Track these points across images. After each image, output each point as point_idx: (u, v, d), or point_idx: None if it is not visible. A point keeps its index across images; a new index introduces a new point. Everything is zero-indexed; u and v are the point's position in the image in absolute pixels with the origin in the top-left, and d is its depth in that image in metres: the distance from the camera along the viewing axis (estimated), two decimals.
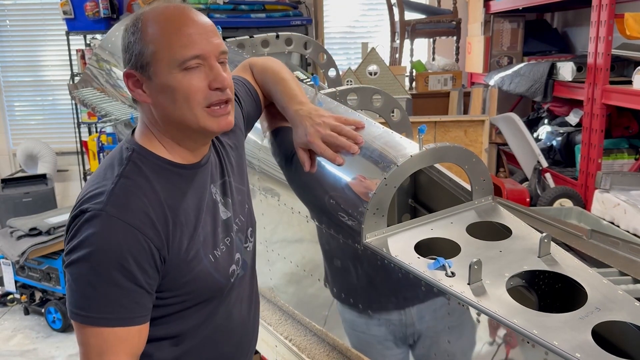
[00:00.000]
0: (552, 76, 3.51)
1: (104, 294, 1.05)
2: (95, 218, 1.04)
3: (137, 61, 1.10)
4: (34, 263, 3.72)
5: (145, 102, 1.13)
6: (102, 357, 1.06)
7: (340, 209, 1.47)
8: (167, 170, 1.15)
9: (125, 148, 1.15)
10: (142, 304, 1.08)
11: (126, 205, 1.06)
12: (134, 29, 1.11)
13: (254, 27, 4.33)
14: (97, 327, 1.05)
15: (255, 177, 1.84)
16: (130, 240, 1.05)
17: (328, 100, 1.77)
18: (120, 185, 1.08)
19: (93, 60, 2.92)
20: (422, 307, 1.33)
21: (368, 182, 1.43)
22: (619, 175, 2.75)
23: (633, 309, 1.12)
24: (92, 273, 1.04)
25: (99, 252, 1.03)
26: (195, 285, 1.16)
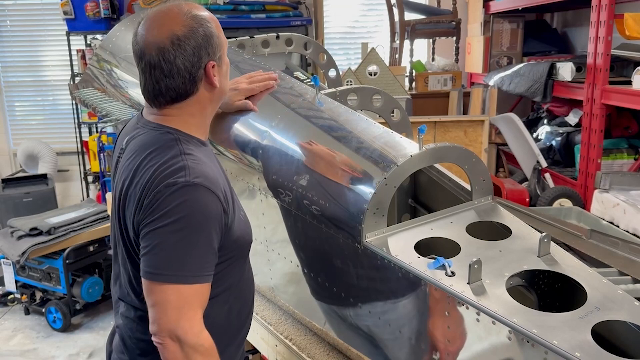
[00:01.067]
0: (551, 76, 3.51)
1: (186, 254, 1.18)
2: (185, 187, 1.18)
3: (216, 52, 1.30)
4: (34, 263, 3.73)
5: (216, 86, 1.32)
6: (181, 311, 1.17)
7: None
8: (200, 146, 1.32)
9: (166, 132, 1.29)
10: (212, 263, 1.23)
11: (205, 175, 1.21)
12: (207, 25, 1.28)
13: (254, 28, 4.34)
14: (178, 284, 1.17)
15: (255, 177, 1.85)
16: (214, 205, 1.21)
17: (328, 100, 1.77)
18: (191, 160, 1.23)
19: (94, 60, 2.92)
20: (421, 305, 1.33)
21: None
22: (619, 175, 2.76)
23: (632, 309, 1.12)
24: (178, 236, 1.17)
25: (189, 217, 1.17)
26: (241, 241, 1.35)
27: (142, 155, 1.26)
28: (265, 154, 1.77)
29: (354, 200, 1.45)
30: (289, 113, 1.77)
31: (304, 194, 1.59)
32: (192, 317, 1.18)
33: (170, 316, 1.17)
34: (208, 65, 1.28)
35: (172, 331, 1.17)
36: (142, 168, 1.23)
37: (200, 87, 1.30)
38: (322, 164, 1.58)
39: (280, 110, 1.79)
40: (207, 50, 1.27)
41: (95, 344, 3.57)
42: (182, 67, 1.25)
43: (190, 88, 1.28)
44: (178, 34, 1.24)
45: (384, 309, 1.45)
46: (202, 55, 1.26)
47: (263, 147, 1.77)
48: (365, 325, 1.53)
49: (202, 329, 1.20)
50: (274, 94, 1.87)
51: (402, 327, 1.41)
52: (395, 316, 1.42)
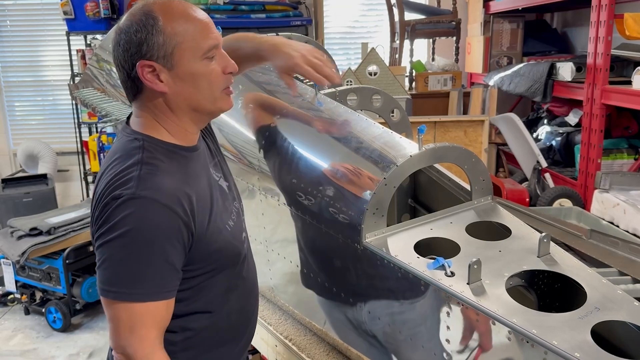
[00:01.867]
0: (551, 76, 3.51)
1: (137, 271, 1.12)
2: (129, 201, 1.11)
3: (157, 52, 1.16)
4: (34, 263, 3.73)
5: (162, 90, 1.20)
6: (133, 330, 1.13)
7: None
8: (176, 153, 1.24)
9: (134, 139, 1.22)
10: (169, 279, 1.16)
11: (155, 187, 1.13)
12: (148, 21, 1.16)
13: (254, 28, 4.33)
14: (129, 302, 1.12)
15: (255, 177, 1.85)
16: (163, 219, 1.13)
17: (328, 100, 1.77)
18: (145, 170, 1.15)
19: (93, 60, 2.93)
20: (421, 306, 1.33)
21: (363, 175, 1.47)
22: (619, 175, 2.75)
23: (632, 309, 1.12)
24: (125, 251, 1.11)
25: (134, 231, 1.10)
26: (220, 253, 1.27)
27: (107, 163, 1.21)
28: (264, 154, 1.77)
29: (354, 200, 1.45)
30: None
31: (304, 194, 1.59)
32: (143, 336, 1.13)
33: (121, 334, 1.13)
34: (139, 65, 1.16)
35: (122, 348, 1.14)
36: (102, 177, 1.19)
37: (143, 88, 1.20)
38: (321, 164, 1.58)
39: (280, 111, 1.79)
40: (140, 47, 1.15)
41: (95, 344, 3.57)
42: (118, 61, 1.19)
43: (132, 86, 1.21)
44: (120, 27, 1.19)
45: (384, 309, 1.45)
46: (133, 53, 1.16)
47: (263, 147, 1.77)
48: (364, 325, 1.53)
49: (154, 350, 1.15)
50: (273, 94, 1.87)
51: (401, 327, 1.41)
52: (395, 316, 1.42)
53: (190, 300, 1.25)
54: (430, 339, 1.32)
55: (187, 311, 1.25)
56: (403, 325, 1.41)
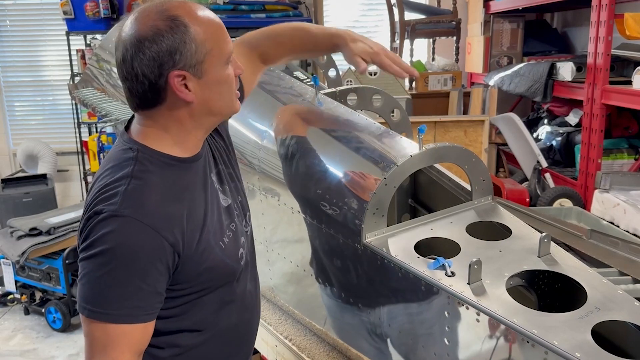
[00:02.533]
0: (551, 76, 3.51)
1: (112, 291, 1.07)
2: (110, 218, 1.06)
3: (190, 61, 1.10)
4: (34, 263, 3.72)
5: (190, 100, 1.13)
6: (105, 350, 1.08)
7: (338, 204, 1.48)
8: (172, 165, 1.17)
9: (128, 148, 1.16)
10: (149, 302, 1.10)
11: (141, 205, 1.08)
12: (179, 29, 1.09)
13: (254, 27, 4.31)
14: (103, 322, 1.08)
15: (255, 177, 1.85)
16: (146, 239, 1.07)
17: (328, 100, 1.77)
18: (133, 185, 1.10)
19: (93, 60, 2.92)
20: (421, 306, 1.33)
21: (368, 179, 1.44)
22: (619, 175, 2.75)
23: (633, 309, 1.12)
24: (102, 270, 1.06)
25: (112, 250, 1.05)
26: (211, 273, 1.20)
27: (99, 172, 1.16)
28: (264, 154, 1.77)
29: (354, 200, 1.45)
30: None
31: (304, 194, 1.58)
32: (115, 358, 1.08)
33: (93, 352, 1.10)
34: (171, 76, 1.09)
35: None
36: (93, 187, 1.14)
37: (167, 98, 1.12)
38: (321, 164, 1.58)
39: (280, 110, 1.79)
40: (173, 57, 1.08)
41: None
42: (139, 72, 1.09)
43: (152, 97, 1.12)
44: (140, 34, 1.08)
45: (384, 309, 1.45)
46: (163, 63, 1.08)
47: (262, 147, 1.77)
48: (364, 325, 1.53)
49: None
50: (273, 94, 1.87)
51: (401, 327, 1.41)
52: (394, 316, 1.42)
53: (177, 317, 1.20)
54: (429, 339, 1.32)
55: (175, 328, 1.20)
56: (402, 324, 1.41)
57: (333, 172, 1.56)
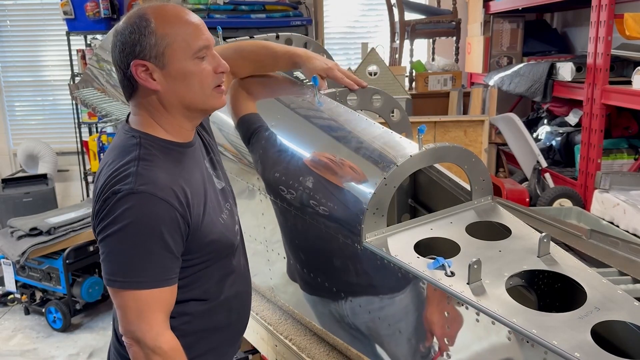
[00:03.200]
0: (551, 76, 3.51)
1: (140, 260, 1.19)
2: (128, 195, 1.18)
3: (150, 52, 1.23)
4: (34, 263, 3.73)
5: (154, 89, 1.26)
6: (141, 315, 1.20)
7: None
8: (171, 149, 1.30)
9: (131, 136, 1.29)
10: (171, 267, 1.24)
11: (153, 182, 1.20)
12: (142, 24, 1.23)
13: (254, 28, 4.33)
14: (135, 290, 1.20)
15: (255, 177, 1.85)
16: (162, 211, 1.19)
17: (328, 100, 1.77)
18: (142, 166, 1.22)
19: (93, 60, 2.93)
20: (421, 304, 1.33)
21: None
22: (619, 175, 2.75)
23: (632, 309, 1.12)
24: (128, 243, 1.18)
25: (135, 223, 1.17)
26: (215, 245, 1.34)
27: (105, 160, 1.28)
28: (265, 154, 1.77)
29: (354, 200, 1.45)
30: (288, 113, 1.77)
31: (304, 195, 1.59)
32: (150, 320, 1.21)
33: (130, 320, 1.21)
34: (133, 64, 1.23)
35: (132, 333, 1.22)
36: (101, 173, 1.25)
37: (138, 86, 1.27)
38: (321, 164, 1.58)
39: (280, 110, 1.79)
40: (134, 47, 1.22)
41: (95, 344, 3.57)
42: (115, 61, 1.27)
43: (128, 85, 1.28)
44: (117, 27, 1.26)
45: (383, 309, 1.45)
46: (128, 53, 1.23)
47: (263, 146, 1.77)
48: (363, 324, 1.53)
49: (162, 332, 1.23)
50: (273, 94, 1.87)
51: (401, 327, 1.41)
52: (394, 316, 1.42)
53: (187, 288, 1.31)
54: (429, 338, 1.32)
55: (184, 298, 1.32)
56: (401, 323, 1.41)
57: (333, 172, 1.56)
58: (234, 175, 1.97)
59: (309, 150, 1.65)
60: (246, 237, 1.62)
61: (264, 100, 1.86)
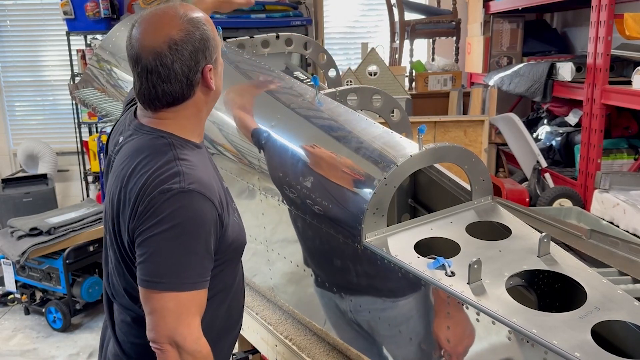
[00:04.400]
0: (551, 76, 3.51)
1: (185, 261, 1.17)
2: (179, 194, 1.16)
3: (212, 53, 1.26)
4: (34, 263, 3.72)
5: (213, 88, 1.29)
6: (180, 318, 1.17)
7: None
8: (194, 149, 1.30)
9: (159, 136, 1.27)
10: (208, 268, 1.23)
11: (200, 181, 1.20)
12: (203, 29, 1.24)
13: (254, 28, 4.33)
14: (177, 292, 1.17)
15: (255, 177, 1.85)
16: (208, 211, 1.20)
17: (328, 100, 1.77)
18: (185, 165, 1.21)
19: (94, 60, 2.92)
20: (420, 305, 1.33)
21: None
22: (619, 175, 2.76)
23: (632, 309, 1.12)
24: (175, 242, 1.16)
25: (184, 223, 1.16)
26: (237, 243, 1.35)
27: (136, 160, 1.24)
28: (266, 154, 1.77)
29: (354, 200, 1.45)
30: (288, 113, 1.77)
31: (304, 195, 1.59)
32: (190, 323, 1.18)
33: (169, 323, 1.17)
34: (205, 69, 1.25)
35: (170, 337, 1.17)
36: (135, 174, 1.21)
37: (197, 90, 1.26)
38: (322, 164, 1.58)
39: (280, 110, 1.79)
40: (205, 53, 1.24)
41: (95, 344, 3.57)
42: (179, 71, 1.21)
43: (187, 92, 1.25)
44: (175, 38, 1.20)
45: (384, 309, 1.45)
46: (199, 59, 1.23)
47: (264, 146, 1.77)
48: (365, 325, 1.53)
49: (201, 335, 1.20)
50: (273, 94, 1.87)
51: (401, 326, 1.41)
52: (395, 316, 1.42)
53: (210, 286, 1.28)
54: (429, 338, 1.32)
55: (208, 296, 1.28)
56: (402, 323, 1.41)
57: (332, 172, 1.56)
58: (234, 175, 1.97)
59: (308, 150, 1.65)
60: (246, 237, 1.62)
61: (263, 100, 1.86)
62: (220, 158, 1.96)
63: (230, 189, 1.54)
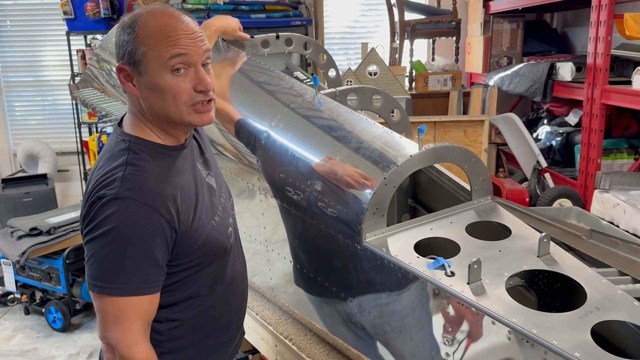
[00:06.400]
0: (551, 76, 3.51)
1: (120, 267, 1.17)
2: (113, 200, 1.16)
3: (130, 58, 1.21)
4: (34, 263, 3.72)
5: (135, 94, 1.25)
6: (117, 322, 1.19)
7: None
8: (161, 153, 1.28)
9: (121, 140, 1.27)
10: (153, 275, 1.21)
11: (139, 187, 1.18)
12: (130, 29, 1.22)
13: (254, 28, 4.33)
14: (113, 296, 1.18)
15: (255, 177, 1.85)
16: (145, 218, 1.18)
17: (328, 100, 1.77)
18: (129, 171, 1.20)
19: (93, 60, 2.92)
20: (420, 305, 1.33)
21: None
22: (619, 175, 2.76)
23: (632, 309, 1.12)
24: (109, 248, 1.16)
25: (117, 229, 1.16)
26: (205, 248, 1.31)
27: (97, 163, 1.27)
28: (265, 154, 1.77)
29: (354, 200, 1.45)
30: (288, 113, 1.77)
31: (303, 195, 1.59)
32: (127, 328, 1.19)
33: (106, 325, 1.20)
34: (116, 68, 1.24)
35: (107, 339, 1.21)
36: (91, 177, 1.25)
37: (125, 87, 1.26)
38: (322, 164, 1.58)
39: (280, 110, 1.79)
40: (120, 51, 1.23)
41: (95, 344, 3.57)
42: None
43: (120, 84, 1.27)
44: (115, 27, 1.27)
45: (384, 309, 1.45)
46: (116, 54, 1.25)
47: (263, 146, 1.77)
48: (366, 324, 1.53)
49: (137, 342, 1.20)
50: (273, 94, 1.87)
51: (402, 326, 1.41)
52: (394, 316, 1.42)
53: (175, 292, 1.30)
54: (429, 338, 1.32)
55: (172, 302, 1.30)
56: (402, 323, 1.41)
57: (332, 171, 1.56)
58: (234, 175, 1.97)
59: (309, 150, 1.65)
60: (246, 237, 1.62)
61: (262, 101, 1.86)
62: (220, 158, 1.96)
63: (230, 189, 1.54)
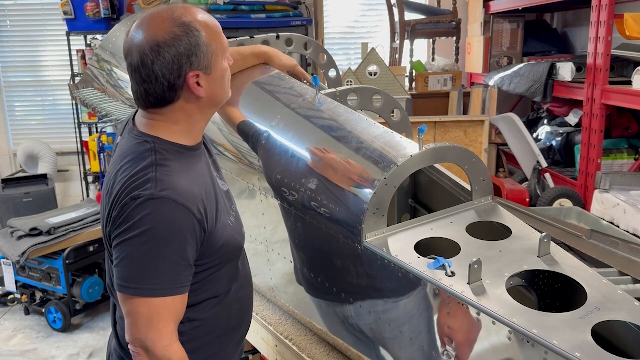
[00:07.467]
0: (551, 76, 3.51)
1: (154, 267, 1.18)
2: (149, 201, 1.17)
3: (202, 61, 1.24)
4: (34, 263, 3.72)
5: (201, 96, 1.27)
6: (152, 323, 1.19)
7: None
8: (183, 153, 1.30)
9: (143, 141, 1.27)
10: (184, 275, 1.23)
11: (172, 187, 1.20)
12: (194, 34, 1.22)
13: (254, 28, 4.33)
14: (147, 297, 1.18)
15: (255, 177, 1.85)
16: (181, 218, 1.19)
17: (328, 100, 1.77)
18: (160, 171, 1.21)
19: (94, 60, 2.93)
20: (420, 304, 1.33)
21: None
22: (619, 175, 2.76)
23: (632, 309, 1.12)
24: (144, 249, 1.17)
25: (153, 230, 1.16)
26: (226, 247, 1.34)
27: (119, 164, 1.26)
28: (265, 154, 1.77)
29: (354, 200, 1.45)
30: (288, 113, 1.77)
31: (304, 195, 1.59)
32: (161, 329, 1.20)
33: (139, 327, 1.20)
34: (188, 76, 1.23)
35: (141, 342, 1.20)
36: (116, 178, 1.24)
37: (181, 95, 1.26)
38: (322, 164, 1.58)
39: (280, 110, 1.79)
40: (190, 59, 1.22)
41: (95, 344, 3.57)
42: (159, 73, 1.21)
43: (169, 95, 1.25)
44: (159, 40, 1.20)
45: (384, 309, 1.45)
46: (182, 64, 1.22)
47: (263, 146, 1.77)
48: (365, 325, 1.54)
49: (172, 343, 1.21)
50: (273, 94, 1.87)
51: (402, 327, 1.41)
52: (395, 316, 1.42)
53: (197, 291, 1.31)
54: (429, 338, 1.32)
55: (195, 302, 1.31)
56: (402, 323, 1.41)
57: (332, 171, 1.56)
58: (234, 175, 1.97)
59: (309, 150, 1.65)
60: (246, 237, 1.62)
61: (262, 100, 1.86)
62: (220, 158, 1.96)
63: (231, 189, 1.54)
